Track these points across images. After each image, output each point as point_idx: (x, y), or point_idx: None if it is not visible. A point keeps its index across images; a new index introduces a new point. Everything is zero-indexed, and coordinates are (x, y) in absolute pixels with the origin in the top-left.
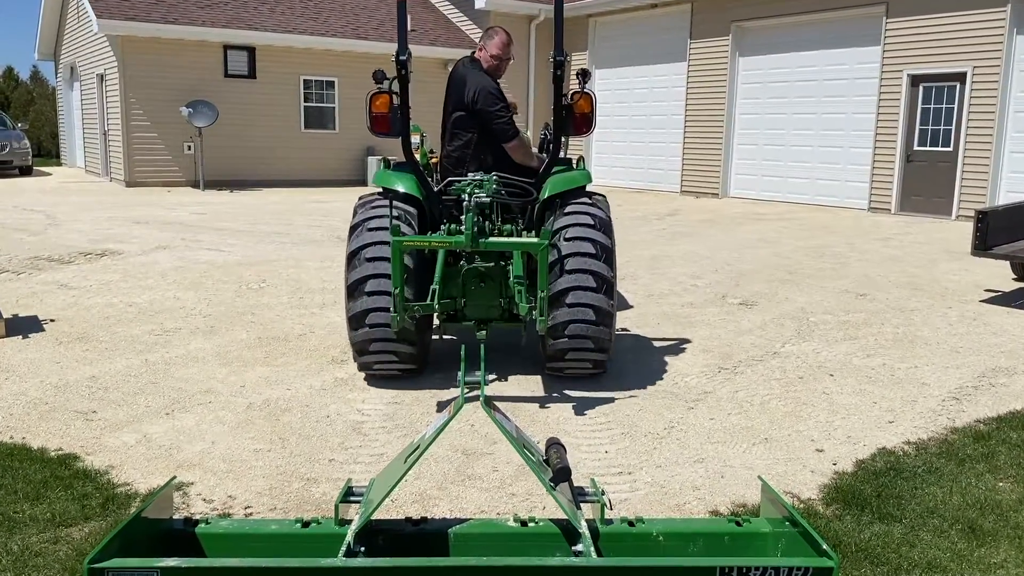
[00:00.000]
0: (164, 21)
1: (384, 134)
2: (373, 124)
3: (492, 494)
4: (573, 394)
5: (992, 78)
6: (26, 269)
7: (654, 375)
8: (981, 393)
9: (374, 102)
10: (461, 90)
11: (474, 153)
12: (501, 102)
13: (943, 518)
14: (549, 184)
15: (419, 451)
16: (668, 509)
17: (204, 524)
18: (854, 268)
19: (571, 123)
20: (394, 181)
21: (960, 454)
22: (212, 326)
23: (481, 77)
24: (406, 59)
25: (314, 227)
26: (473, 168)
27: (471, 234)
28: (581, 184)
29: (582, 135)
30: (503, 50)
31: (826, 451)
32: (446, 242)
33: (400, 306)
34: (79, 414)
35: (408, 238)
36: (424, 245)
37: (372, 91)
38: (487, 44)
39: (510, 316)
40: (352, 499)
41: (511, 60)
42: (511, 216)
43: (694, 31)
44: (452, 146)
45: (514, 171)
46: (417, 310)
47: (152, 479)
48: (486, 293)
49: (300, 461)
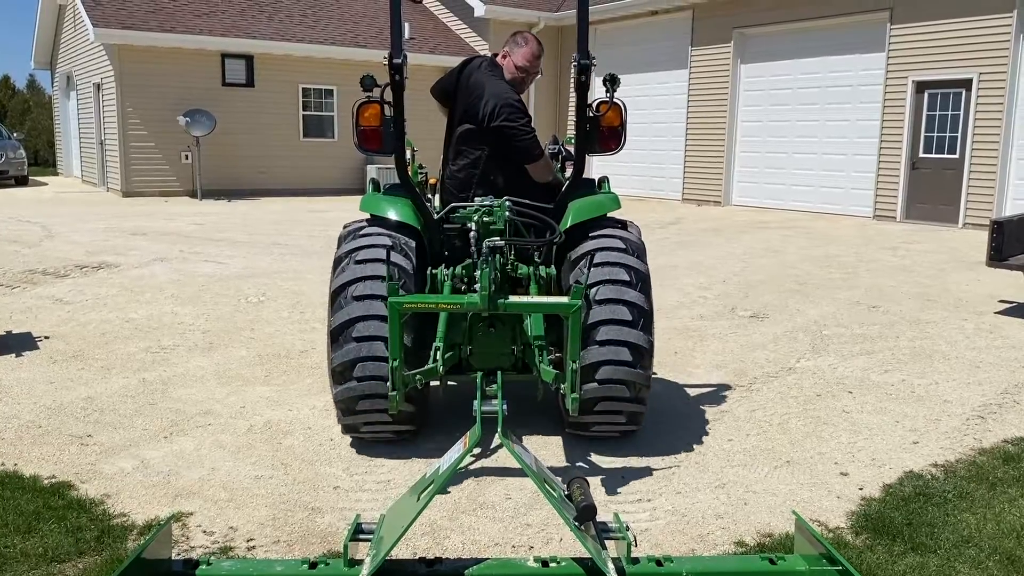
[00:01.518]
0: (161, 30)
1: (374, 151)
2: (361, 139)
3: (506, 524)
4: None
5: (999, 84)
6: (20, 283)
7: (668, 393)
8: (1006, 411)
9: (363, 113)
10: (475, 100)
11: (482, 174)
12: (526, 116)
13: (979, 548)
14: (572, 211)
15: (433, 487)
16: (691, 540)
17: (206, 565)
18: (864, 278)
19: (597, 138)
20: (385, 208)
21: (990, 477)
22: (211, 343)
23: (501, 86)
24: (401, 63)
25: (313, 237)
26: (481, 192)
27: (487, 295)
28: (609, 211)
29: (609, 152)
30: (532, 62)
31: (851, 475)
32: (456, 304)
33: (399, 381)
34: (74, 438)
35: (408, 299)
36: (430, 308)
37: (360, 100)
38: (514, 52)
39: (523, 366)
40: (361, 537)
41: (539, 75)
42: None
43: (695, 38)
44: (457, 165)
45: (528, 193)
46: (419, 380)
47: (150, 509)
48: (496, 340)
49: (304, 489)
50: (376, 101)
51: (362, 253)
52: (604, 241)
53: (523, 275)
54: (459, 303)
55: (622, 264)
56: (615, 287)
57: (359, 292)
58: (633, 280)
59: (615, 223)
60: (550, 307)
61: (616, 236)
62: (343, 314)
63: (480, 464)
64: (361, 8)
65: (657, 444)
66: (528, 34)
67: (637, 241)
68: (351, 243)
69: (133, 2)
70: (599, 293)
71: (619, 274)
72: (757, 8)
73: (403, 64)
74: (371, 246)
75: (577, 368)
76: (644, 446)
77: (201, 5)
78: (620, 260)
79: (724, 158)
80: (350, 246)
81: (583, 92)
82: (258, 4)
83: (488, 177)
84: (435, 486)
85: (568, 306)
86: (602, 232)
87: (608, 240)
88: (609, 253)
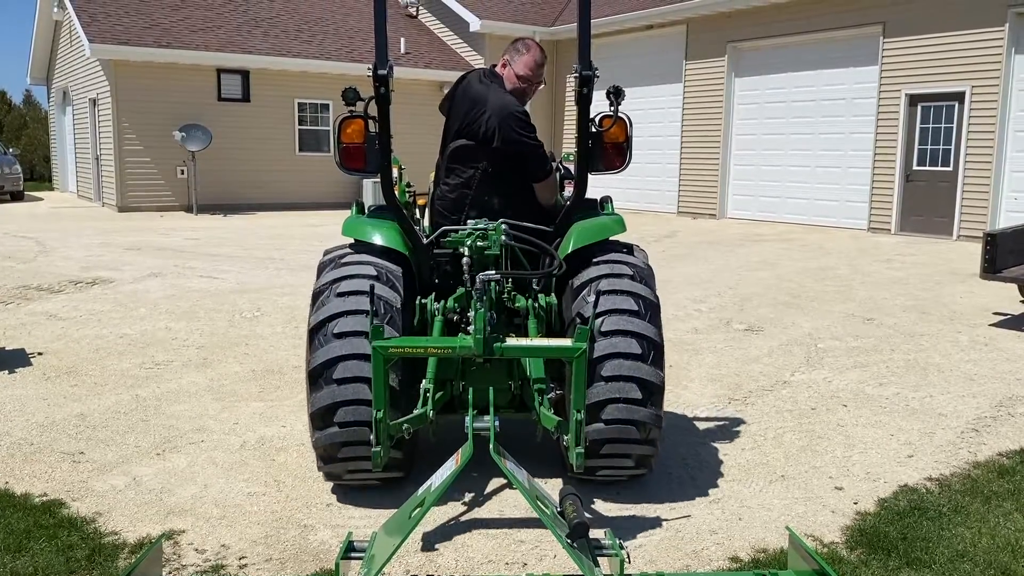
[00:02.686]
0: (157, 45)
1: (358, 171)
2: (343, 157)
3: (499, 541)
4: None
5: (991, 97)
6: (14, 299)
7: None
8: (1000, 424)
9: (344, 129)
10: (473, 112)
11: (476, 194)
12: (533, 129)
13: (974, 563)
14: (574, 234)
15: (425, 506)
16: (685, 556)
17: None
18: (858, 291)
19: (600, 155)
20: (370, 232)
21: (985, 491)
22: (205, 358)
23: (505, 98)
24: (386, 74)
25: (309, 252)
26: (474, 214)
27: (482, 339)
28: (613, 234)
29: (614, 171)
30: (534, 71)
31: (845, 489)
32: (448, 348)
33: (384, 435)
34: (66, 455)
35: (395, 343)
36: (418, 353)
37: (342, 115)
38: (514, 60)
39: (521, 403)
40: (353, 555)
41: (542, 85)
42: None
43: (690, 52)
44: (448, 184)
45: (525, 215)
46: (407, 430)
47: (141, 527)
48: (492, 376)
49: (296, 506)
50: (359, 116)
51: (344, 284)
52: (609, 267)
53: (521, 308)
54: (451, 347)
55: (629, 292)
56: (622, 317)
57: (340, 329)
58: (642, 309)
59: (620, 247)
60: (552, 351)
61: (622, 262)
62: (323, 353)
63: (472, 481)
64: (356, 23)
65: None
66: (530, 41)
67: (644, 267)
68: (332, 273)
69: (129, 18)
70: (605, 324)
71: (626, 303)
72: (751, 22)
73: (389, 75)
74: (354, 276)
75: (582, 419)
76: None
77: (197, 20)
78: (627, 288)
79: (719, 171)
80: (330, 276)
81: (585, 105)
82: (254, 19)
83: (482, 197)
84: (427, 504)
85: (572, 350)
86: (607, 258)
87: (614, 266)
88: (615, 280)
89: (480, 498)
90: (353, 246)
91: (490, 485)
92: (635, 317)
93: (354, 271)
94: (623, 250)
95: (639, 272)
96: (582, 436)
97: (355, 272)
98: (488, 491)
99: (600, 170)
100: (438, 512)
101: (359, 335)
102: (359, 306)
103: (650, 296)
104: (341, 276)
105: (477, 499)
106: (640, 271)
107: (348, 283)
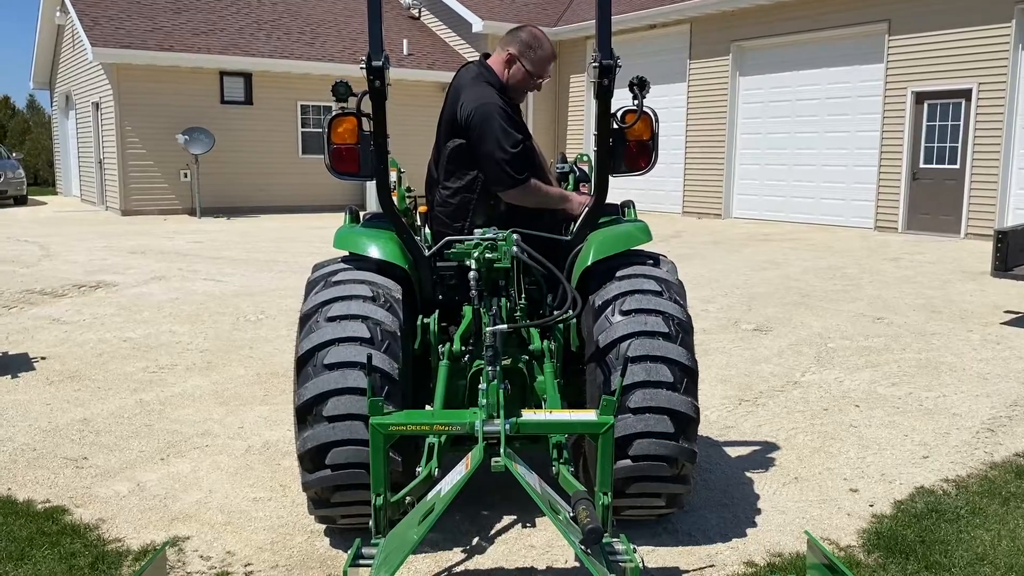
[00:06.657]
0: (159, 48)
1: (350, 175)
2: (334, 160)
3: (510, 546)
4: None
5: (998, 94)
6: (18, 303)
7: None
8: (1016, 423)
9: (335, 129)
10: (454, 107)
11: (479, 199)
12: (508, 120)
13: (995, 566)
14: (593, 244)
15: (435, 512)
16: (699, 561)
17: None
18: (867, 290)
19: (623, 155)
20: (364, 244)
21: (1003, 492)
22: (209, 362)
23: (484, 89)
24: (382, 66)
25: (313, 255)
26: (480, 221)
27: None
28: (638, 243)
29: (639, 172)
30: (545, 68)
31: (861, 491)
32: (457, 424)
33: (384, 520)
34: (69, 461)
35: (395, 419)
36: (423, 431)
37: (333, 114)
38: (525, 56)
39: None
40: (362, 562)
41: (543, 79)
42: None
43: (693, 51)
44: (448, 188)
45: (538, 222)
46: (411, 503)
47: (145, 534)
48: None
49: (302, 511)
50: (351, 113)
51: (335, 307)
52: (635, 283)
53: (536, 350)
54: (461, 424)
55: (659, 311)
56: (652, 341)
57: (332, 359)
58: (673, 331)
59: (645, 258)
60: (576, 427)
61: (650, 276)
62: (312, 387)
63: (483, 485)
64: (359, 25)
65: None
66: (538, 32)
67: (675, 281)
68: (322, 294)
69: (131, 21)
70: (632, 348)
71: (656, 324)
72: (755, 21)
73: (384, 68)
74: (346, 298)
75: (609, 503)
76: None
77: (199, 23)
78: (656, 307)
79: (724, 170)
80: (320, 298)
81: (606, 99)
82: (256, 22)
83: (487, 202)
84: (437, 510)
85: (597, 425)
86: (632, 271)
87: (640, 281)
88: (642, 297)
89: (490, 503)
90: (346, 260)
91: (500, 489)
92: (666, 340)
93: (347, 291)
94: (648, 261)
95: (667, 287)
96: (608, 520)
97: (348, 293)
98: (498, 495)
99: (623, 171)
100: (447, 516)
101: (353, 366)
102: (353, 332)
103: (680, 315)
104: (332, 298)
105: (487, 504)
106: (670, 286)
107: (340, 305)
